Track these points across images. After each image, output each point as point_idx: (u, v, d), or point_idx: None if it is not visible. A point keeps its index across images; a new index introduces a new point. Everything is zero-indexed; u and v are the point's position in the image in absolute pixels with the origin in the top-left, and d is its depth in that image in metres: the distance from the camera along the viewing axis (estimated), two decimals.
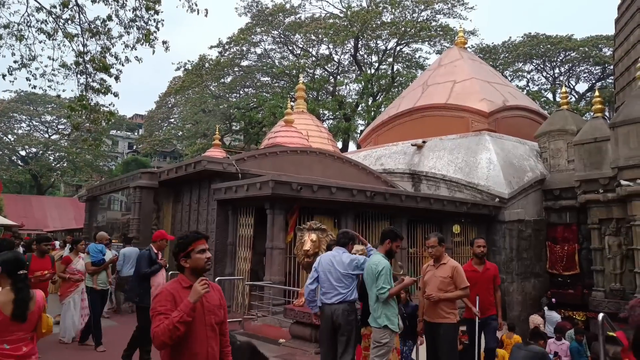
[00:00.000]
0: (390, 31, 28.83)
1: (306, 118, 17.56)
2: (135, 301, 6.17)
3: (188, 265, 2.64)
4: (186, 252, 2.63)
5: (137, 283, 6.15)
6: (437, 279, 4.94)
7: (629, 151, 9.51)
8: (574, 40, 30.99)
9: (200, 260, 2.63)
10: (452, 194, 13.04)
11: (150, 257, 6.17)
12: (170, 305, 2.47)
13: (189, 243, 2.64)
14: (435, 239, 5.04)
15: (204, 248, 2.66)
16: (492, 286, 5.64)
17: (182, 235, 2.74)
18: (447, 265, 4.98)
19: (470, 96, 15.61)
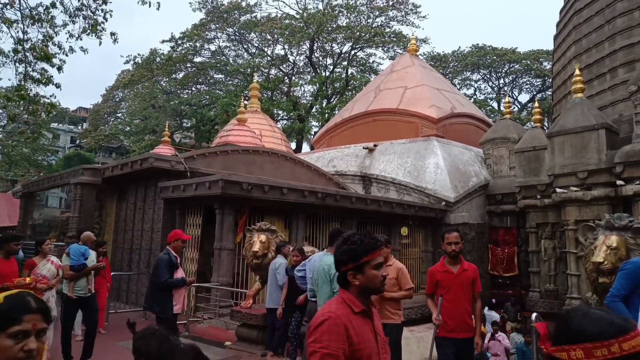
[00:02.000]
0: (345, 35, 29.17)
1: (260, 117, 17.41)
2: (157, 311, 5.56)
3: (358, 283, 1.97)
4: (358, 265, 1.97)
5: (158, 291, 5.51)
6: None
7: (563, 160, 10.11)
8: (518, 53, 32.66)
9: (377, 279, 1.98)
10: (401, 197, 13.36)
11: (171, 261, 5.56)
12: (343, 344, 1.80)
13: (364, 252, 1.97)
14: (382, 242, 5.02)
15: (381, 262, 2.02)
16: (470, 293, 4.44)
17: (352, 237, 2.03)
18: (392, 266, 4.99)
19: (421, 102, 16.07)
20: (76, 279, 6.06)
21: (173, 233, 5.90)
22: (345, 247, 2.02)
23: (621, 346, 1.19)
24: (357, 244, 1.98)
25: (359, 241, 1.99)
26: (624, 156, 8.89)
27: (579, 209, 9.75)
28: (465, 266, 4.54)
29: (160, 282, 5.43)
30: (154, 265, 5.71)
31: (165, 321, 5.45)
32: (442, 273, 4.47)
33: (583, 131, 9.84)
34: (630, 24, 11.43)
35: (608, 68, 11.89)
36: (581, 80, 10.61)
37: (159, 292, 5.50)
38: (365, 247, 1.98)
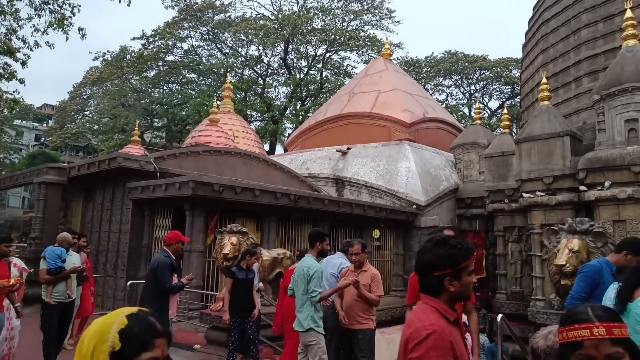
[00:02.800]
0: (320, 38, 29.26)
1: (233, 118, 17.26)
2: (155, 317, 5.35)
3: (453, 290, 1.87)
4: (457, 270, 1.86)
5: (158, 296, 5.17)
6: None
7: (530, 165, 10.40)
8: (488, 60, 33.48)
9: (470, 286, 1.91)
10: (373, 199, 13.46)
11: (172, 265, 5.28)
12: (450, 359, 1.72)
13: (464, 257, 1.88)
14: (359, 246, 4.91)
15: (473, 268, 1.95)
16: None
17: (450, 241, 1.92)
18: (367, 272, 4.88)
19: (394, 106, 16.25)
20: (54, 284, 5.67)
21: (173, 234, 5.62)
22: (443, 251, 1.90)
23: (567, 334, 1.44)
24: (457, 248, 1.89)
25: (459, 245, 1.90)
26: (587, 162, 9.21)
27: (544, 213, 10.03)
28: None
29: (164, 288, 5.14)
30: (152, 269, 5.31)
31: None
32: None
33: (549, 138, 10.15)
34: (594, 35, 11.87)
35: (573, 77, 12.31)
36: (548, 89, 10.94)
37: (159, 297, 5.18)
38: (465, 252, 1.89)
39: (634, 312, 2.99)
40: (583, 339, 1.38)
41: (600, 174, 8.99)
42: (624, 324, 1.42)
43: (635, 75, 8.91)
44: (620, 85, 8.97)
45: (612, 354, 1.36)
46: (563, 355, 1.45)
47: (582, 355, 1.39)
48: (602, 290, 3.41)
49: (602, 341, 1.36)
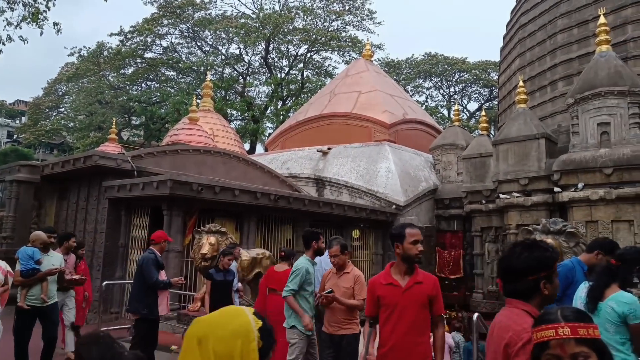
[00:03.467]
0: (301, 37, 29.23)
1: (212, 117, 17.09)
2: (144, 313, 5.30)
3: (547, 293, 1.88)
4: (550, 272, 1.88)
5: (144, 292, 5.34)
6: (340, 289, 4.54)
7: (507, 167, 10.59)
8: (468, 63, 33.98)
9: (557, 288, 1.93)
10: (354, 200, 13.51)
11: (157, 261, 5.44)
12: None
13: (555, 259, 1.91)
14: (337, 247, 4.60)
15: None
16: (426, 316, 3.22)
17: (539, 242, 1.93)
18: (350, 274, 4.60)
19: (374, 107, 16.34)
20: (29, 286, 5.31)
21: (160, 233, 5.80)
22: (537, 254, 1.90)
23: (536, 335, 1.48)
24: (549, 251, 1.90)
25: (550, 248, 1.91)
26: (561, 164, 9.43)
27: (520, 214, 10.23)
28: (420, 277, 3.23)
29: (150, 283, 5.28)
30: (139, 266, 5.51)
31: (149, 323, 5.37)
32: (386, 287, 3.22)
33: (525, 140, 10.35)
34: (569, 40, 12.16)
35: (549, 81, 12.59)
36: (524, 92, 11.15)
37: (145, 293, 5.35)
38: (556, 254, 1.92)
39: (604, 311, 3.06)
40: (549, 339, 1.42)
41: (574, 176, 9.22)
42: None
43: (607, 79, 9.16)
44: (594, 89, 9.21)
45: (577, 354, 1.38)
46: (535, 356, 1.48)
47: (549, 355, 1.42)
48: (574, 290, 3.49)
49: (567, 341, 1.39)
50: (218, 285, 5.88)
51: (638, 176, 8.49)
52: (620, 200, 8.65)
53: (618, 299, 3.03)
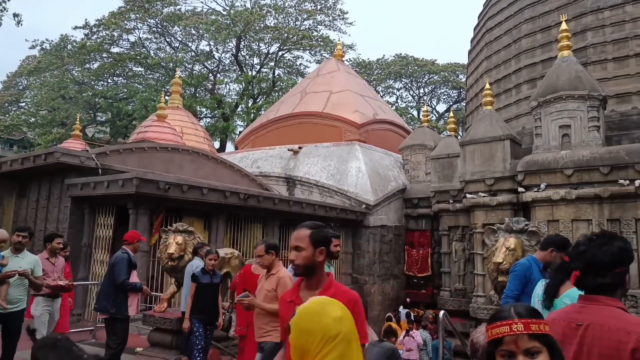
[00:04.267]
0: (273, 36, 29.07)
1: (181, 114, 16.79)
2: (112, 312, 5.27)
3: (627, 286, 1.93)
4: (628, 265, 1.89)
5: (113, 291, 5.36)
6: (263, 292, 4.22)
7: (473, 167, 10.84)
8: (437, 65, 34.57)
9: None
10: (324, 199, 13.53)
11: (131, 261, 5.45)
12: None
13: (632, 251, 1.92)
14: (262, 247, 4.33)
15: None
16: None
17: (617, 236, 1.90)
18: (274, 276, 4.24)
19: (345, 107, 16.41)
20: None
21: (133, 233, 5.87)
22: (619, 244, 1.85)
23: (491, 331, 1.50)
24: (627, 242, 1.85)
25: (625, 239, 1.86)
26: (525, 165, 9.71)
27: (485, 213, 10.48)
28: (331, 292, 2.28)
29: (118, 282, 5.30)
30: (111, 265, 5.50)
31: (119, 322, 5.34)
32: (288, 304, 2.39)
33: (491, 141, 10.61)
34: (533, 45, 12.54)
35: (514, 84, 12.94)
36: (491, 94, 11.43)
37: (115, 293, 5.36)
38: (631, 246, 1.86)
39: (558, 307, 3.18)
40: (504, 335, 1.46)
41: (537, 177, 9.51)
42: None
43: (569, 84, 9.49)
44: (556, 93, 9.53)
45: (530, 349, 1.44)
46: (490, 352, 1.53)
47: (503, 350, 1.46)
48: (532, 287, 3.60)
49: (520, 336, 1.44)
50: (204, 288, 5.65)
51: (596, 177, 8.84)
52: (579, 200, 8.98)
53: (571, 295, 3.15)
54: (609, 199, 8.67)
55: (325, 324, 1.42)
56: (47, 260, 5.74)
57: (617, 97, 10.58)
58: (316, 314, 1.46)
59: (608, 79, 10.79)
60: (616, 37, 10.98)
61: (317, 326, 1.42)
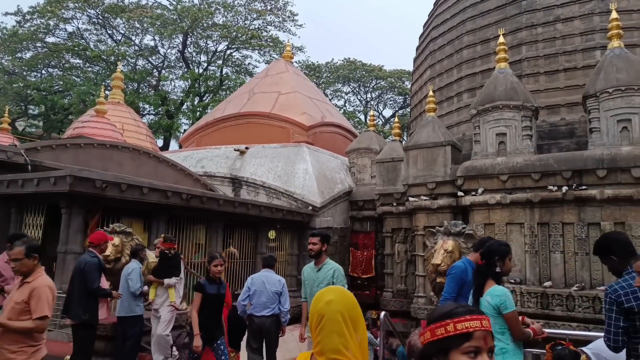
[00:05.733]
0: (221, 33, 28.55)
1: (122, 110, 16.13)
2: (85, 319, 5.14)
3: None
4: None
5: (85, 297, 5.27)
6: (10, 304, 3.51)
7: (416, 171, 11.17)
8: (384, 70, 35.36)
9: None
10: (271, 200, 13.44)
11: (101, 266, 5.37)
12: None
13: None
14: (21, 249, 3.50)
15: None
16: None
17: None
18: (29, 284, 3.47)
19: (293, 109, 16.40)
20: None
21: (100, 235, 5.72)
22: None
23: (455, 326, 1.43)
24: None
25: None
26: (464, 170, 10.13)
27: (427, 216, 10.83)
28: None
29: (91, 289, 5.22)
30: (80, 270, 5.36)
31: (89, 329, 5.29)
32: None
33: (433, 147, 10.98)
34: (473, 56, 13.12)
35: (455, 92, 13.48)
36: (434, 101, 11.83)
37: (87, 299, 5.29)
38: None
39: (483, 306, 3.36)
40: (475, 329, 1.41)
41: (475, 181, 9.95)
42: None
43: (505, 94, 10.01)
44: (493, 102, 10.02)
45: (492, 347, 1.43)
46: (433, 351, 1.45)
47: (472, 347, 1.41)
48: (468, 289, 3.75)
49: (488, 333, 1.42)
50: (211, 299, 5.16)
51: (528, 183, 9.36)
52: (513, 205, 9.48)
53: (492, 293, 3.36)
54: (539, 203, 9.21)
55: (318, 308, 1.79)
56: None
57: (547, 108, 11.28)
58: (316, 299, 1.84)
59: (540, 91, 11.49)
60: (548, 52, 11.72)
61: (313, 309, 1.81)
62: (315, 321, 1.77)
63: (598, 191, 8.60)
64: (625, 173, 8.45)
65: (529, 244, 9.17)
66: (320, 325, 1.74)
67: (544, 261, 9.02)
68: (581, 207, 8.86)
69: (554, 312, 8.45)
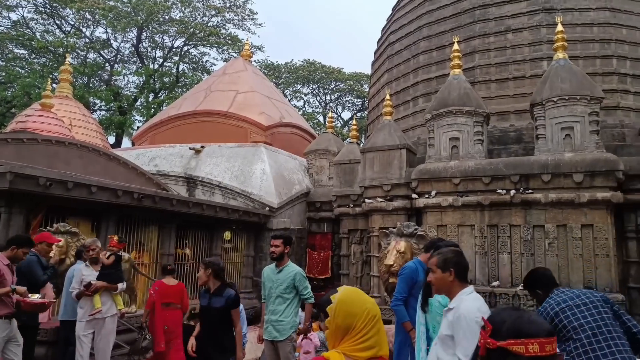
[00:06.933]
0: (178, 29, 27.87)
1: (71, 105, 15.38)
2: (24, 320, 5.00)
3: None
4: None
5: None
6: None
7: (372, 173, 11.32)
8: (343, 73, 35.66)
9: None
10: (227, 201, 13.23)
11: (41, 263, 5.29)
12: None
13: None
14: None
15: None
16: None
17: None
18: None
19: (251, 108, 16.23)
20: None
21: (41, 236, 5.75)
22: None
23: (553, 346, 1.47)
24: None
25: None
26: (418, 173, 10.37)
27: (382, 218, 11.00)
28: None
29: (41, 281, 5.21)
30: (18, 268, 5.19)
31: (32, 330, 5.21)
32: None
33: (389, 150, 11.17)
34: (429, 61, 13.46)
35: (411, 97, 13.78)
36: (390, 105, 12.04)
37: None
38: None
39: (434, 307, 3.44)
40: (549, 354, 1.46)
41: (429, 184, 10.20)
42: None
43: (458, 100, 10.33)
44: (447, 107, 10.32)
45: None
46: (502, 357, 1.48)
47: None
48: (418, 289, 3.83)
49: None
50: (202, 313, 4.68)
51: (479, 186, 9.70)
52: (465, 207, 9.79)
53: None
54: (489, 206, 9.56)
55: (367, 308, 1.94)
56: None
57: (498, 114, 11.73)
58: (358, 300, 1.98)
59: (491, 98, 11.94)
60: (499, 60, 12.20)
61: (360, 309, 1.92)
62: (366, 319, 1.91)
63: (543, 195, 9.03)
64: (568, 178, 8.92)
65: (479, 245, 9.50)
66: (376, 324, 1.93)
67: (493, 262, 9.37)
68: (527, 210, 9.27)
69: None
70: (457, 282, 2.93)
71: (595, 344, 2.95)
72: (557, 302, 3.20)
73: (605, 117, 10.50)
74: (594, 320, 3.04)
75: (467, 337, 2.71)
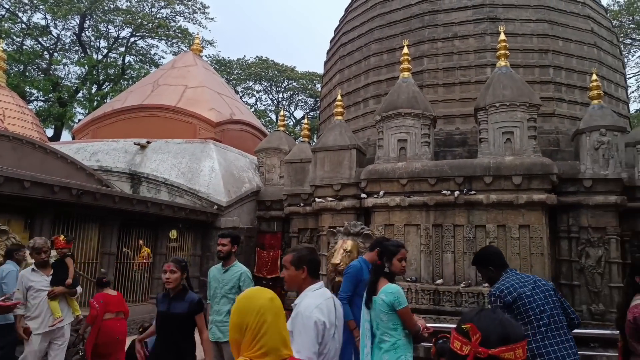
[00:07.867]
0: (124, 19, 26.77)
1: (4, 94, 14.45)
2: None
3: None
4: None
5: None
6: None
7: (323, 173, 11.37)
8: (296, 72, 35.63)
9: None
10: (173, 198, 12.84)
11: None
12: None
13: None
14: None
15: None
16: None
17: None
18: None
19: (201, 104, 15.87)
20: None
21: None
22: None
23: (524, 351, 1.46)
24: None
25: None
26: (367, 174, 10.52)
27: (332, 217, 11.07)
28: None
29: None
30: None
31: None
32: None
33: (339, 149, 11.26)
34: (380, 64, 13.69)
35: (362, 98, 13.96)
36: (342, 106, 12.14)
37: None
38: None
39: (377, 304, 3.52)
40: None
41: (377, 184, 10.37)
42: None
43: (407, 102, 10.57)
44: (396, 109, 10.53)
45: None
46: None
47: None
48: (363, 287, 3.88)
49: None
50: (161, 319, 4.19)
51: (425, 187, 9.98)
52: (411, 207, 10.04)
53: (386, 291, 3.56)
54: (434, 206, 9.86)
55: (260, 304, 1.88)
56: None
57: (444, 118, 12.12)
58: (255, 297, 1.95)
59: (438, 102, 12.31)
60: (446, 65, 12.60)
61: (252, 306, 1.88)
62: (255, 323, 1.77)
63: (485, 196, 9.42)
64: (508, 180, 9.36)
65: (425, 244, 9.77)
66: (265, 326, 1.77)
67: (437, 260, 9.67)
68: (470, 211, 9.63)
69: (444, 307, 9.10)
70: (309, 279, 3.05)
71: (549, 332, 3.31)
72: (513, 286, 3.45)
73: (542, 123, 11.11)
74: (550, 309, 3.37)
75: (301, 334, 2.80)
